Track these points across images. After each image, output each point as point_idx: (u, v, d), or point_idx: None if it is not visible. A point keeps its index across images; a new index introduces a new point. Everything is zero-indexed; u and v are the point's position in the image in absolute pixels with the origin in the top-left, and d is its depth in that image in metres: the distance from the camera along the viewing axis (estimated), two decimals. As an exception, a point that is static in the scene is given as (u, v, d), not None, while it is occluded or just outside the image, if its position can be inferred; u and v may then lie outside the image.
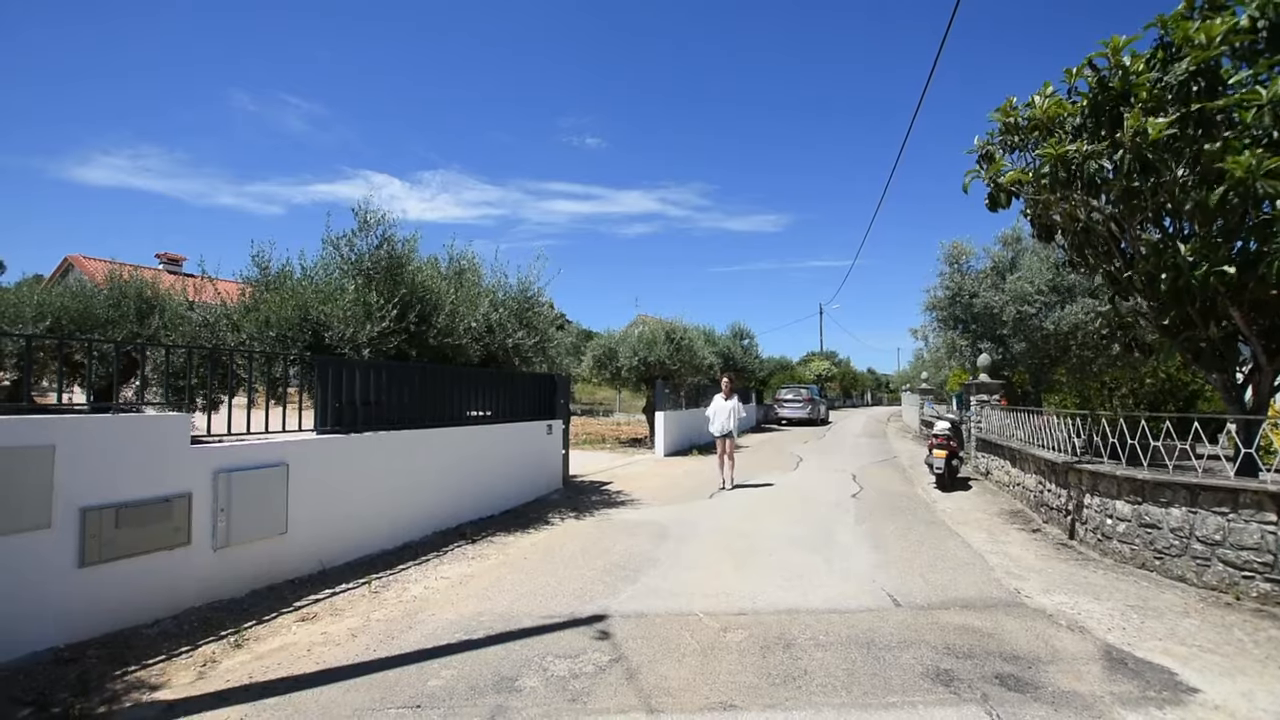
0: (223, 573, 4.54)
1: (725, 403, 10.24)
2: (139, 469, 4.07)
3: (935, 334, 15.76)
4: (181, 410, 4.99)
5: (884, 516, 7.98)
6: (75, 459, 3.74)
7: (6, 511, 3.43)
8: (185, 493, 4.31)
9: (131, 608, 4.00)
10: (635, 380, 17.77)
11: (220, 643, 3.88)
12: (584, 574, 5.38)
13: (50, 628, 3.61)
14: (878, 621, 4.30)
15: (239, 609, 4.42)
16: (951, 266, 14.54)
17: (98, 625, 3.82)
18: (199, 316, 7.47)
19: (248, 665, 3.60)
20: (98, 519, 3.81)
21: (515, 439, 8.53)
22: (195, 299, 8.06)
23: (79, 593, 3.75)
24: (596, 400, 32.91)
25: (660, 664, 3.61)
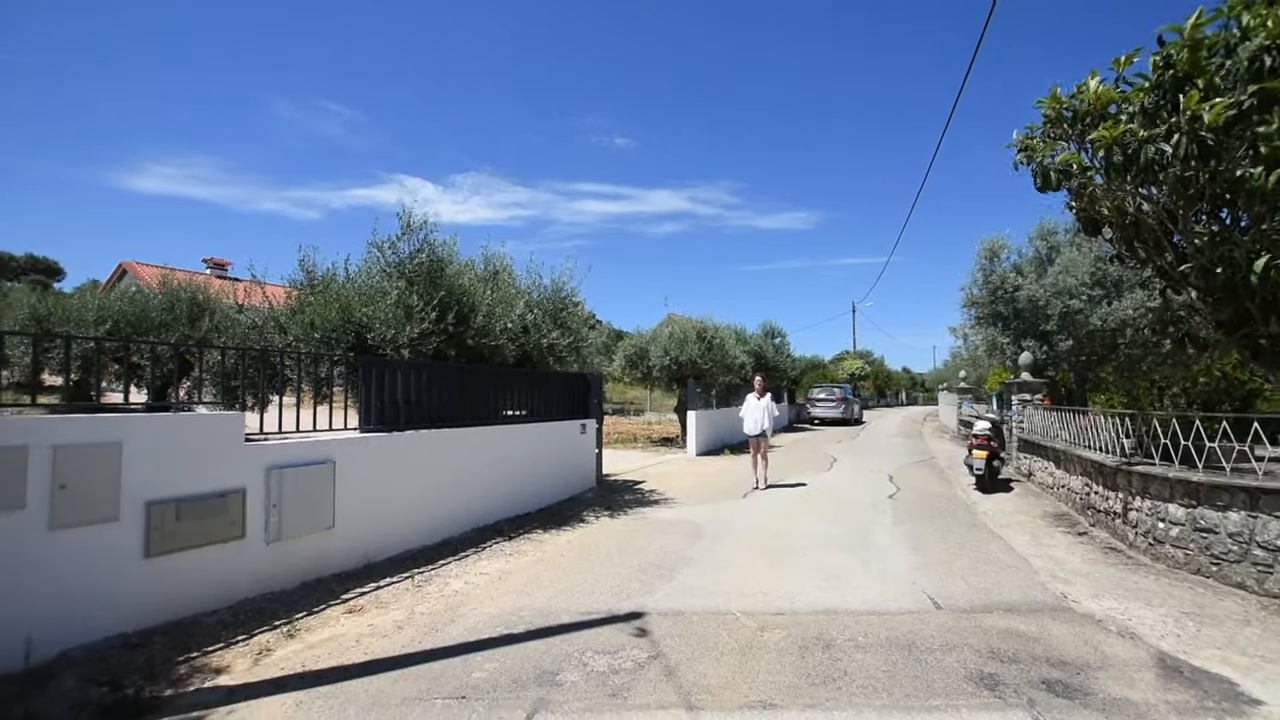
0: (275, 565, 4.72)
1: (758, 402, 10.19)
2: (197, 465, 4.27)
3: (974, 331, 15.35)
4: (234, 409, 5.20)
5: (922, 518, 7.84)
6: (140, 455, 3.94)
7: (80, 504, 3.63)
8: (240, 488, 4.50)
9: (192, 597, 4.20)
10: (666, 380, 17.78)
11: (274, 632, 4.04)
12: (620, 572, 5.43)
13: (119, 615, 3.81)
14: (918, 624, 4.24)
15: (290, 600, 4.60)
16: (990, 262, 14.18)
17: (161, 613, 4.02)
18: (248, 319, 7.76)
19: (300, 654, 3.74)
20: (161, 512, 4.01)
21: (550, 438, 8.64)
22: (244, 302, 8.37)
23: (144, 582, 3.95)
24: (627, 400, 33.02)
25: (698, 662, 3.64)
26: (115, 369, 9.86)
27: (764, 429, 10.08)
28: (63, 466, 3.57)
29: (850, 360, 44.07)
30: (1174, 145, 4.92)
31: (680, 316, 21.22)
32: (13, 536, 3.38)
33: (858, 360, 44.89)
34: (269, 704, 3.16)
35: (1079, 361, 12.99)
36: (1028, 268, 13.50)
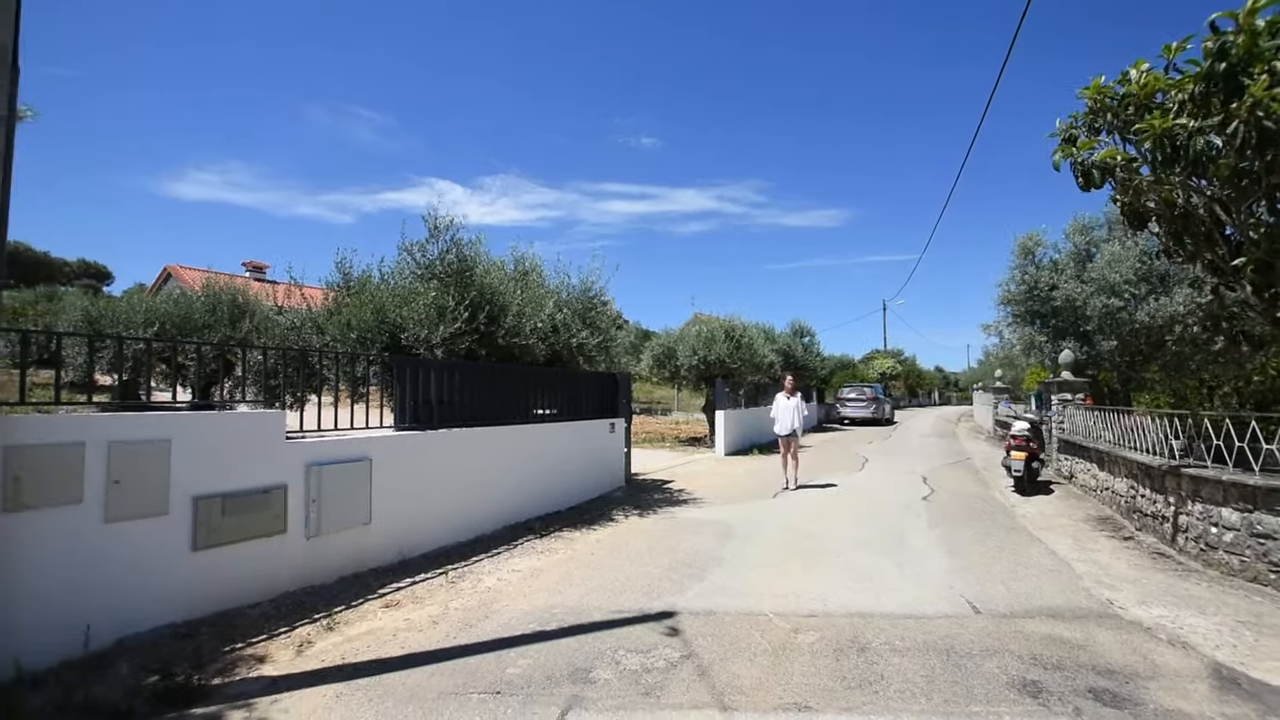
0: (314, 560, 4.84)
1: (788, 401, 10.09)
2: (241, 462, 4.40)
3: (1010, 330, 14.96)
4: (274, 408, 5.35)
5: (958, 520, 7.67)
6: (188, 452, 4.08)
7: (132, 499, 3.78)
8: (281, 484, 4.62)
9: (236, 590, 4.33)
10: (694, 379, 17.73)
11: (314, 625, 4.14)
12: (650, 571, 5.43)
13: (169, 605, 3.95)
14: (956, 628, 4.15)
15: (329, 594, 4.71)
16: (1025, 259, 13.80)
17: (208, 605, 4.16)
18: (287, 320, 7.98)
19: (340, 647, 3.83)
20: (207, 507, 4.14)
21: (579, 437, 8.68)
22: (284, 304, 8.60)
23: (192, 575, 4.09)
24: (654, 399, 33.01)
25: (731, 662, 3.62)
26: (162, 369, 10.24)
27: (794, 429, 9.98)
28: (116, 462, 3.71)
29: (881, 359, 43.31)
30: (1230, 134, 4.71)
31: (707, 316, 21.12)
32: (72, 529, 3.53)
33: (888, 359, 44.10)
34: (311, 695, 3.24)
35: (1122, 360, 12.56)
36: (1066, 264, 13.11)
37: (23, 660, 3.21)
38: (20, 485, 3.32)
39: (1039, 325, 13.55)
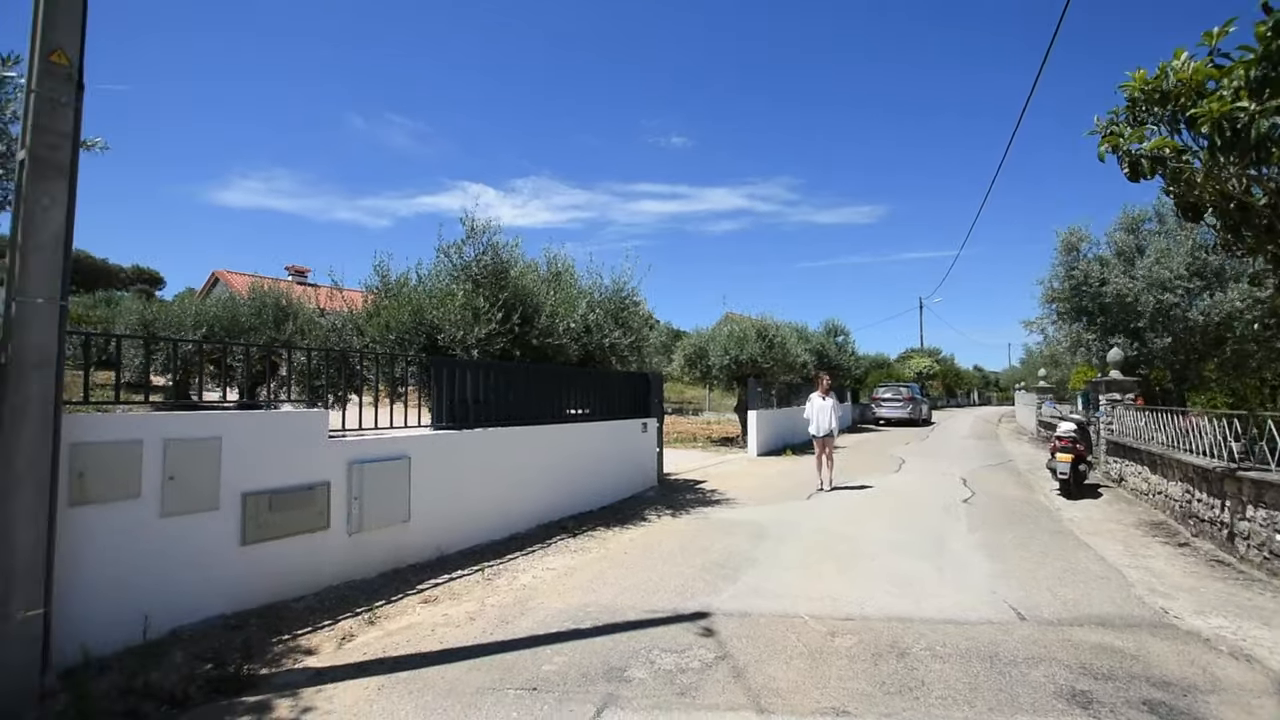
0: (356, 556, 4.97)
1: (823, 401, 9.95)
2: (286, 459, 4.55)
3: (1055, 327, 14.47)
4: (317, 407, 5.51)
5: (1001, 524, 7.45)
6: (237, 449, 4.23)
7: (186, 494, 3.94)
8: (325, 481, 4.76)
9: (282, 584, 4.47)
10: (726, 379, 17.62)
11: (356, 619, 4.25)
12: (684, 571, 5.41)
13: (219, 597, 4.11)
14: (1000, 635, 4.03)
15: (369, 589, 4.82)
16: (1070, 254, 13.32)
17: (255, 598, 4.30)
18: (328, 322, 8.21)
19: (380, 641, 3.92)
20: (255, 503, 4.29)
21: (612, 436, 8.72)
22: (325, 306, 8.84)
23: (241, 568, 4.24)
24: (685, 399, 32.91)
25: (767, 664, 3.58)
26: (211, 369, 10.65)
27: (829, 429, 9.83)
28: (171, 459, 3.88)
29: (917, 358, 42.34)
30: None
31: (739, 315, 20.97)
32: (131, 523, 3.70)
33: (925, 358, 43.07)
34: (353, 687, 3.32)
35: (1176, 358, 12.03)
36: (1113, 259, 12.62)
37: (89, 646, 3.37)
38: (84, 481, 3.49)
39: (1086, 322, 13.09)
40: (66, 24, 3.14)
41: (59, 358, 3.15)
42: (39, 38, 3.08)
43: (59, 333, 3.14)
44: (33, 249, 3.05)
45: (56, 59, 3.09)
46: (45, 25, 3.08)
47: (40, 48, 3.07)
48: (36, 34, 3.09)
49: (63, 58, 3.11)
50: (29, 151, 3.06)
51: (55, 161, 3.12)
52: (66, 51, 3.12)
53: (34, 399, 3.04)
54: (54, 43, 3.09)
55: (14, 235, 3.05)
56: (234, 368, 9.89)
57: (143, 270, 44.64)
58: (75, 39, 3.17)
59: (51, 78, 3.09)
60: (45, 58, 3.07)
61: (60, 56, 3.10)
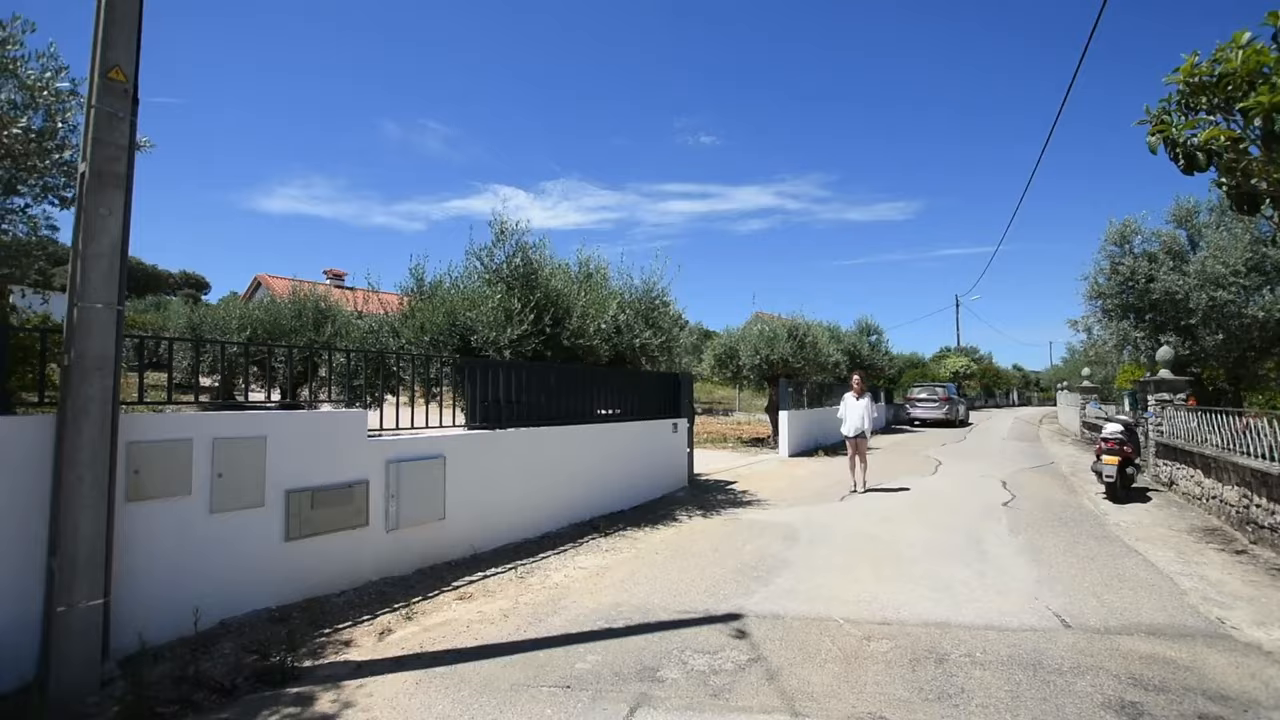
0: (394, 552, 5.08)
1: (857, 402, 9.80)
2: (327, 458, 4.68)
3: (1100, 325, 13.95)
4: (355, 407, 5.65)
5: (1043, 528, 7.23)
6: (280, 448, 4.37)
7: (233, 491, 4.09)
8: (364, 479, 4.88)
9: (323, 579, 4.60)
10: (756, 379, 17.48)
11: (394, 614, 4.35)
12: (715, 572, 5.39)
13: (264, 591, 4.25)
14: (1044, 642, 3.91)
15: (407, 585, 4.93)
16: (1120, 248, 12.83)
17: (298, 591, 4.44)
18: (365, 324, 8.41)
19: (418, 636, 4.01)
20: (298, 500, 4.43)
21: (643, 437, 8.73)
22: (362, 309, 9.06)
23: (284, 563, 4.38)
24: (715, 399, 32.76)
25: (801, 668, 3.55)
26: (255, 370, 11.02)
27: (862, 430, 9.68)
28: (220, 457, 4.03)
29: (953, 358, 41.32)
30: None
31: (769, 315, 20.81)
32: (183, 518, 3.85)
33: (962, 358, 42.00)
34: (392, 680, 3.40)
35: (1230, 357, 11.49)
36: (1164, 254, 12.11)
37: (145, 636, 3.53)
38: (140, 478, 3.65)
39: (1134, 320, 12.59)
40: (123, 43, 3.29)
41: (116, 360, 3.31)
42: (98, 57, 3.24)
43: (116, 336, 3.29)
44: (92, 256, 3.20)
45: (114, 76, 3.24)
46: (104, 45, 3.23)
47: (100, 66, 3.23)
48: (96, 53, 3.25)
49: (120, 75, 3.26)
50: (89, 164, 3.22)
51: (113, 173, 3.27)
52: (123, 69, 3.27)
53: (94, 399, 3.20)
54: (112, 61, 3.24)
55: (75, 244, 3.21)
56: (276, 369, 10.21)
57: (190, 275, 46.41)
58: (130, 57, 3.32)
59: (110, 94, 3.24)
60: (104, 75, 3.22)
61: (118, 74, 3.25)
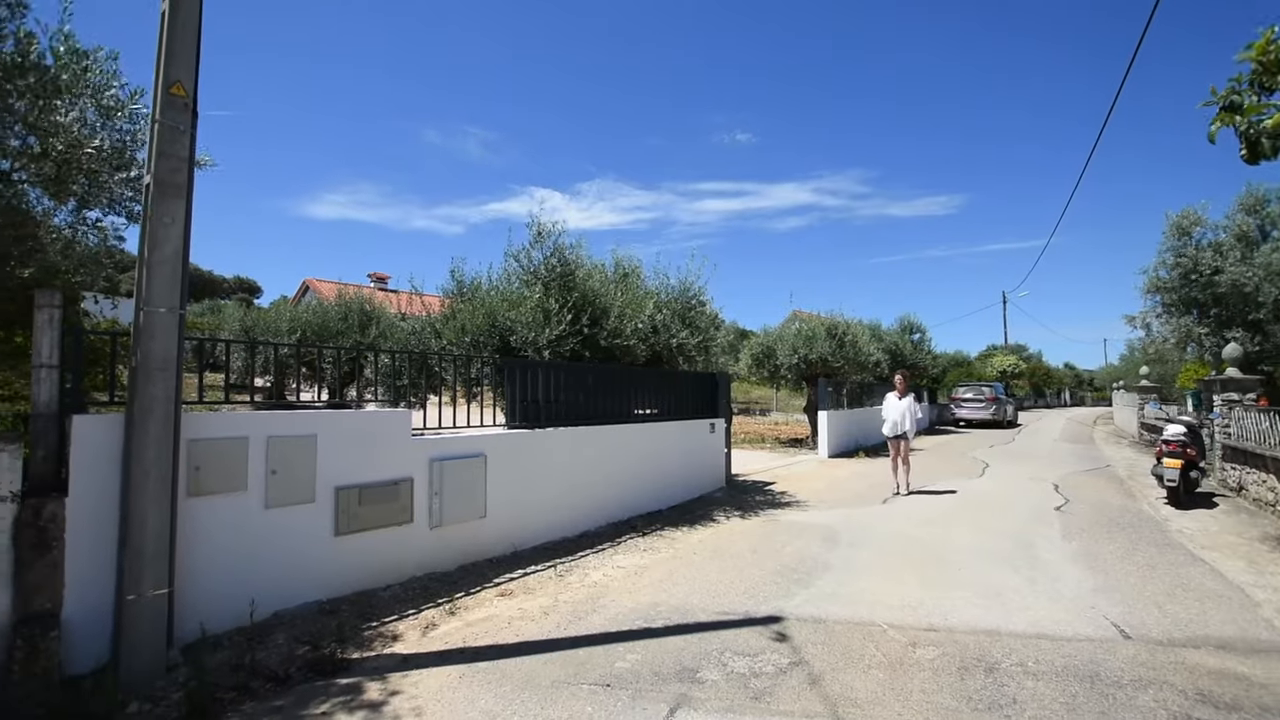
0: (437, 549, 5.20)
1: (899, 401, 9.57)
2: (374, 456, 4.81)
3: (1160, 321, 13.32)
4: (399, 406, 5.79)
5: (1099, 533, 6.93)
6: (329, 446, 4.52)
7: (286, 488, 4.24)
8: (408, 477, 5.00)
9: (370, 574, 4.74)
10: (794, 379, 17.24)
11: (437, 609, 4.45)
12: (754, 574, 5.34)
13: (315, 584, 4.40)
14: (1102, 653, 3.75)
15: (449, 581, 5.03)
16: (1181, 240, 12.21)
17: (347, 585, 4.58)
18: (408, 326, 8.62)
19: (461, 631, 4.09)
20: (347, 497, 4.57)
21: (680, 436, 8.71)
22: (405, 310, 9.29)
23: (334, 558, 4.52)
24: (752, 399, 32.46)
25: (844, 673, 3.48)
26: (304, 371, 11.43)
27: (904, 430, 9.45)
28: (274, 455, 4.18)
29: (1001, 356, 39.93)
30: None
31: (807, 313, 20.50)
32: (239, 513, 4.02)
33: (1010, 356, 40.56)
34: (437, 674, 3.48)
35: (1308, 354, 10.81)
36: (1231, 246, 11.47)
37: (205, 625, 3.69)
38: (200, 474, 3.82)
39: (1197, 315, 11.99)
40: (183, 59, 3.45)
41: (178, 361, 3.47)
42: (161, 73, 3.40)
43: (178, 339, 3.45)
44: (156, 263, 3.37)
45: (176, 91, 3.40)
46: (166, 61, 3.40)
47: (162, 82, 3.39)
48: (159, 70, 3.41)
49: (181, 90, 3.42)
50: (153, 175, 3.39)
51: (175, 183, 3.43)
52: (184, 84, 3.42)
53: (158, 399, 3.36)
54: (173, 77, 3.40)
55: (141, 252, 3.38)
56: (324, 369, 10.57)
57: (243, 280, 48.36)
58: (190, 72, 3.48)
59: (172, 108, 3.40)
60: (167, 91, 3.38)
61: (179, 89, 3.41)
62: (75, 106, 3.88)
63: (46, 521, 3.23)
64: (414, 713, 3.06)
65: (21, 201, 4.41)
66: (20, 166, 4.25)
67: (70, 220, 4.85)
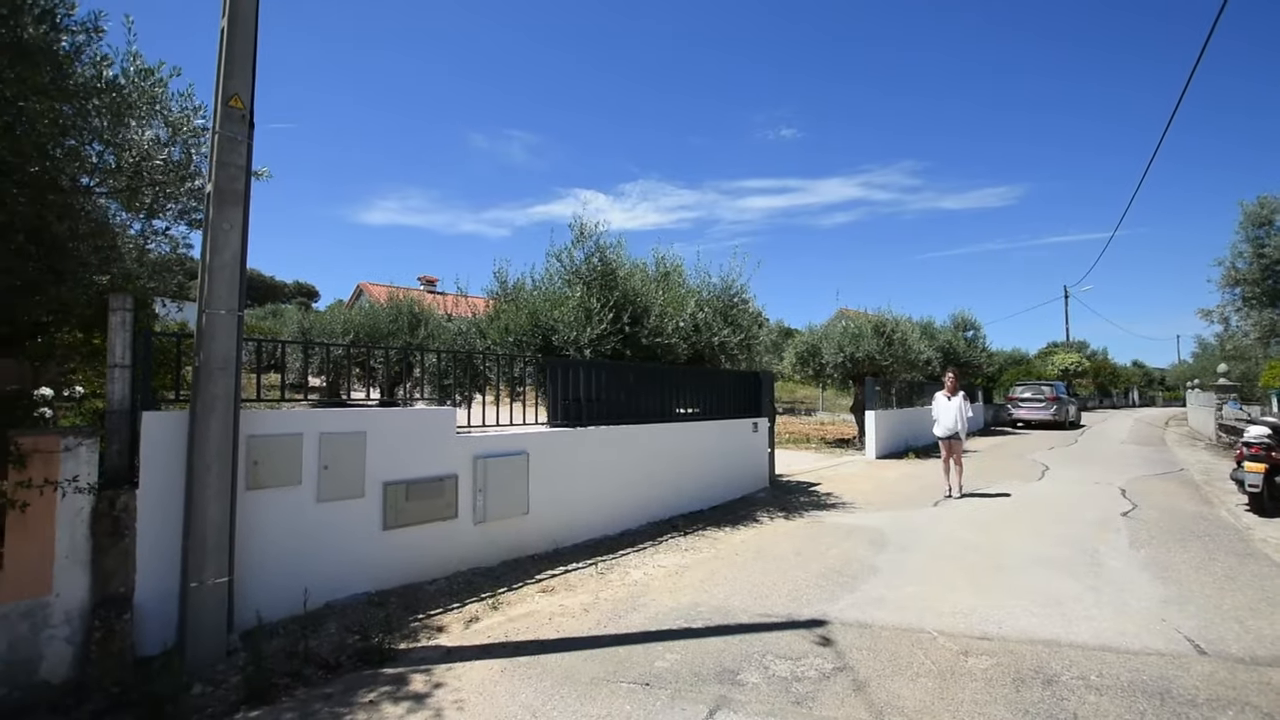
0: (480, 544, 5.30)
1: (949, 401, 9.23)
2: (420, 453, 4.94)
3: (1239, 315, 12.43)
4: (445, 405, 5.93)
5: (1171, 541, 6.51)
6: (378, 443, 4.66)
7: (338, 483, 4.40)
8: (453, 474, 5.12)
9: (416, 567, 4.86)
10: (840, 378, 16.86)
11: (481, 603, 4.53)
12: (798, 576, 5.24)
13: (364, 576, 4.54)
14: (1174, 669, 3.52)
15: (492, 576, 5.12)
16: (1261, 230, 11.36)
17: (394, 578, 4.71)
18: (454, 327, 8.83)
19: (503, 625, 4.15)
20: (395, 492, 4.70)
21: (722, 436, 8.63)
22: (452, 312, 9.52)
23: (382, 551, 4.66)
24: (798, 399, 31.90)
25: (890, 680, 3.37)
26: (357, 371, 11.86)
27: (956, 431, 9.11)
28: (326, 451, 4.34)
29: (1062, 354, 38.00)
30: None
31: (854, 311, 19.96)
32: (294, 506, 4.19)
33: (1072, 354, 38.56)
34: (479, 667, 3.54)
35: None
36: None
37: (262, 613, 3.86)
38: (258, 468, 4.00)
39: (1282, 309, 11.12)
40: (241, 74, 3.61)
41: (237, 361, 3.64)
42: (220, 87, 3.57)
43: (237, 339, 3.62)
44: (216, 268, 3.54)
45: (234, 104, 3.56)
46: (225, 76, 3.57)
47: (221, 95, 3.56)
48: (218, 83, 3.58)
49: (238, 102, 3.58)
50: (214, 184, 3.56)
51: (234, 191, 3.60)
52: (241, 97, 3.59)
53: (219, 396, 3.53)
54: (231, 90, 3.57)
55: (203, 257, 3.56)
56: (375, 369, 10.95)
57: (302, 285, 50.52)
58: (247, 86, 3.64)
59: (230, 120, 3.57)
60: (225, 103, 3.55)
61: (237, 101, 3.57)
62: (145, 122, 4.12)
63: (120, 511, 3.44)
64: (456, 705, 3.12)
65: (101, 213, 4.72)
66: (99, 181, 4.55)
67: (142, 229, 5.16)
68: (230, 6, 3.59)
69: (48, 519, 3.23)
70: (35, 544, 3.19)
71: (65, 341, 4.50)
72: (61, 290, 3.84)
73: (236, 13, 3.61)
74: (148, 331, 3.88)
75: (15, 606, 3.12)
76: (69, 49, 3.56)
